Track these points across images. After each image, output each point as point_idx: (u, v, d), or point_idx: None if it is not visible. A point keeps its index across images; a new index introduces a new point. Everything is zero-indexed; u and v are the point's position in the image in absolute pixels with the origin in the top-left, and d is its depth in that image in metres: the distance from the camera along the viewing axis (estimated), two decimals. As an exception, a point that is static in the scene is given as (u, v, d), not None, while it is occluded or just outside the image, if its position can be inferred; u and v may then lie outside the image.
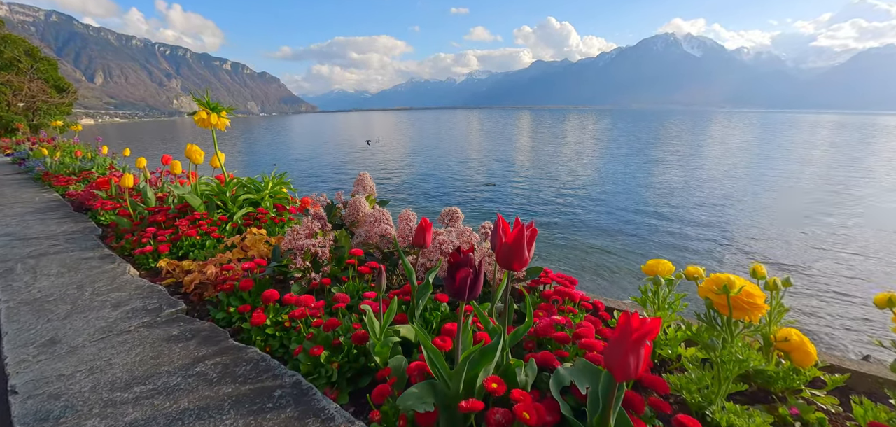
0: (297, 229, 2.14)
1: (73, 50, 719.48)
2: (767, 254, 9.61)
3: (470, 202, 15.33)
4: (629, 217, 12.99)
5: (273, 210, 3.18)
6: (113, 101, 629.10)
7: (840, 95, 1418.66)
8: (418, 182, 19.96)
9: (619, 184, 18.20)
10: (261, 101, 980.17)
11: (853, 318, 6.64)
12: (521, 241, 1.13)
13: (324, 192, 10.49)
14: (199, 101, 3.15)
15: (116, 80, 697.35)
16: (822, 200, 14.70)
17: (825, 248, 9.81)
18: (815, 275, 8.35)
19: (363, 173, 2.66)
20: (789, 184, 17.81)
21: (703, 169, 22.06)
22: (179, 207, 3.17)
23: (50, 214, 4.30)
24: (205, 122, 3.10)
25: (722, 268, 8.84)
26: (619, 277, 8.58)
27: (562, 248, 10.30)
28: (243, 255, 2.60)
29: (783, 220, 12.28)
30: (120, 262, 2.70)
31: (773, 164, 23.51)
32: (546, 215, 13.37)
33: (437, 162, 26.81)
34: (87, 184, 5.77)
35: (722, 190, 16.51)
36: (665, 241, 10.74)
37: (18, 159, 9.46)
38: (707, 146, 34.34)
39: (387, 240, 2.20)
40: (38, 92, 24.36)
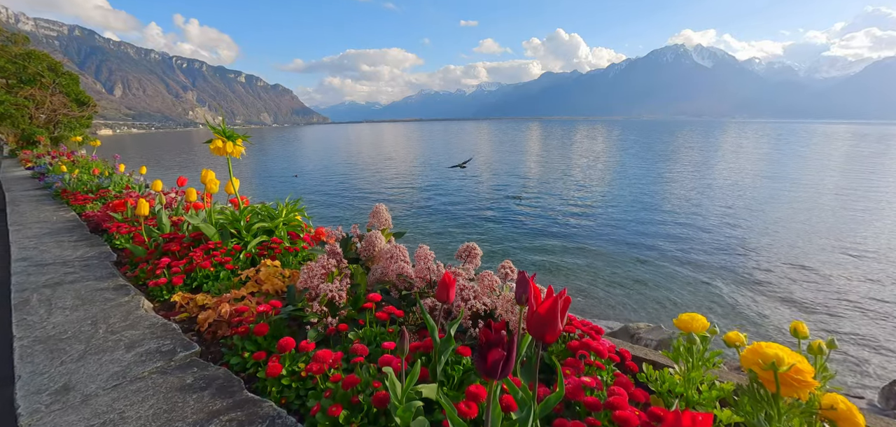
0: (312, 267, 2.10)
1: (95, 63, 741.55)
2: (798, 276, 9.35)
3: (485, 213, 15.25)
4: (651, 231, 12.83)
5: (287, 239, 3.15)
6: (131, 113, 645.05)
7: (855, 105, 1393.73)
8: (438, 195, 19.95)
9: (639, 197, 17.99)
10: (273, 113, 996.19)
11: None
12: (555, 312, 1.06)
13: (340, 200, 10.41)
14: (214, 128, 3.16)
15: (135, 92, 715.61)
16: (851, 215, 14.33)
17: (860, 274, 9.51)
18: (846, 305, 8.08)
19: (379, 205, 2.62)
20: (812, 197, 17.40)
21: (722, 181, 21.69)
22: (194, 235, 3.16)
23: (66, 237, 4.34)
24: (220, 151, 3.10)
25: (748, 288, 8.62)
26: (642, 292, 8.43)
27: (580, 260, 10.17)
28: (257, 288, 2.56)
29: (811, 236, 11.97)
30: (134, 294, 2.68)
31: (796, 176, 23.04)
32: (564, 227, 13.25)
33: (453, 172, 26.85)
34: (103, 203, 5.84)
35: (745, 204, 16.18)
36: (688, 257, 10.53)
37: (38, 174, 9.67)
38: (725, 158, 33.81)
39: (404, 278, 2.15)
40: (59, 106, 25.03)
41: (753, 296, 8.33)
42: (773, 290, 8.57)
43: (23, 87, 23.02)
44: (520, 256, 11.17)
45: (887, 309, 7.56)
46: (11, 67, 23.05)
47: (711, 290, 8.67)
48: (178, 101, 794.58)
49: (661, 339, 5.70)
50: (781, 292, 8.47)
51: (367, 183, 24.65)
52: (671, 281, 9.26)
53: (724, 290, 8.64)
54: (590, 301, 8.68)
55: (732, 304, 8.03)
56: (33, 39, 29.27)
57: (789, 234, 12.45)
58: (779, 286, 8.77)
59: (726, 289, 8.67)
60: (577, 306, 8.50)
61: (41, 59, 25.19)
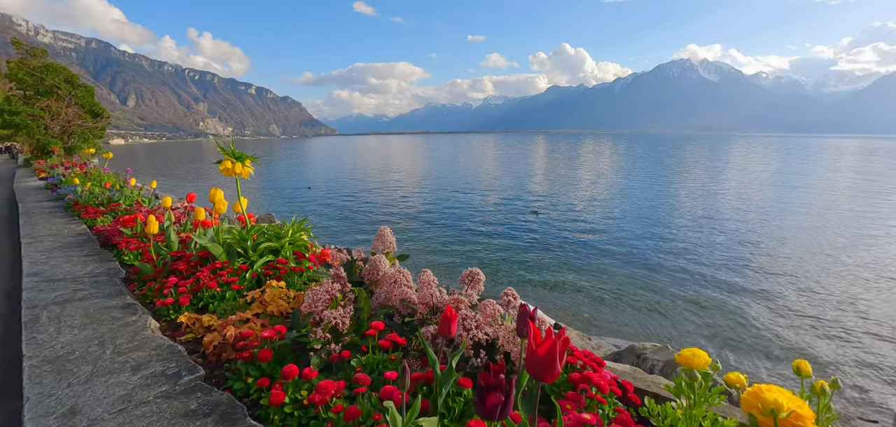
0: (316, 292, 2.12)
1: (110, 74, 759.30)
2: (807, 294, 9.20)
3: (490, 226, 15.22)
4: (659, 247, 12.74)
5: (292, 259, 3.19)
6: (143, 123, 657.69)
7: (864, 119, 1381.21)
8: (444, 209, 19.98)
9: (647, 211, 17.85)
10: (282, 124, 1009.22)
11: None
12: (553, 355, 1.07)
13: (347, 212, 10.43)
14: (224, 150, 3.22)
15: (147, 103, 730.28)
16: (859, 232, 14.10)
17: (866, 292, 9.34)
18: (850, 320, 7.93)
19: (383, 228, 2.65)
20: (825, 215, 17.15)
21: (732, 197, 21.46)
22: (201, 254, 3.21)
23: (77, 251, 4.42)
24: (229, 172, 3.16)
25: (756, 309, 8.49)
26: (648, 309, 8.34)
27: (587, 275, 10.11)
28: (262, 309, 2.59)
29: (823, 256, 11.79)
30: (141, 314, 2.72)
31: (807, 192, 22.74)
32: (571, 241, 13.18)
33: (459, 184, 26.87)
34: (114, 217, 5.94)
35: (755, 220, 15.99)
36: (697, 275, 10.41)
37: (51, 185, 9.87)
38: (734, 173, 33.50)
39: (407, 303, 2.17)
40: (73, 117, 25.59)
41: (761, 317, 8.20)
42: (783, 311, 8.44)
43: (40, 99, 23.61)
44: (524, 271, 11.14)
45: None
46: (29, 80, 23.68)
47: (719, 310, 8.57)
48: (190, 111, 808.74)
49: (667, 360, 5.62)
50: (790, 313, 8.34)
51: (374, 195, 24.76)
52: (679, 299, 9.17)
53: (732, 310, 8.53)
54: (596, 317, 8.61)
55: (740, 326, 7.91)
56: (52, 51, 30.14)
57: (800, 252, 12.28)
58: (788, 306, 8.63)
59: (734, 309, 8.55)
60: (583, 322, 8.43)
61: (58, 71, 25.85)
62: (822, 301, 8.87)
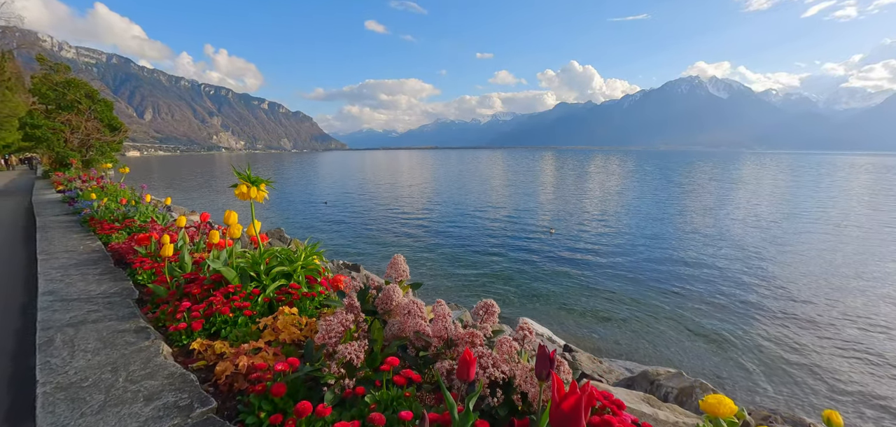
0: (330, 323, 2.10)
1: (129, 89, 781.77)
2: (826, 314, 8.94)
3: (502, 244, 15.13)
4: (673, 270, 12.53)
5: (305, 284, 3.18)
6: (158, 136, 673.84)
7: (878, 136, 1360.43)
8: (456, 225, 19.96)
9: (659, 231, 17.61)
10: (293, 138, 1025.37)
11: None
12: (579, 411, 1.04)
13: (358, 228, 10.38)
14: (239, 174, 3.25)
15: (163, 117, 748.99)
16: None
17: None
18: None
19: (397, 256, 2.63)
20: (842, 236, 16.74)
21: (746, 217, 21.07)
22: (214, 277, 3.22)
23: (91, 270, 4.47)
24: (244, 196, 3.18)
25: (772, 336, 8.26)
26: (661, 331, 8.17)
27: (599, 296, 9.96)
28: (274, 337, 2.58)
29: (838, 279, 11.48)
30: (154, 339, 2.72)
31: (822, 210, 22.25)
32: (582, 260, 13.03)
33: (469, 200, 26.84)
34: (129, 234, 6.02)
35: (769, 241, 15.67)
36: (711, 297, 10.20)
37: (68, 198, 10.07)
38: (746, 191, 32.93)
39: (421, 336, 2.13)
40: (92, 130, 26.28)
41: (776, 343, 7.98)
42: (797, 335, 8.20)
43: (61, 113, 24.31)
44: (536, 289, 11.03)
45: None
46: (52, 94, 24.43)
47: (733, 334, 8.36)
48: (204, 125, 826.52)
49: (682, 386, 5.45)
50: (804, 338, 8.10)
51: (385, 209, 24.82)
52: (691, 322, 8.98)
53: (747, 335, 8.31)
54: (607, 338, 8.47)
55: (755, 351, 7.70)
56: (74, 67, 31.21)
57: (815, 274, 11.99)
58: (802, 330, 8.39)
59: (749, 335, 8.34)
60: (594, 344, 8.29)
61: (80, 86, 26.65)
62: (833, 321, 8.61)
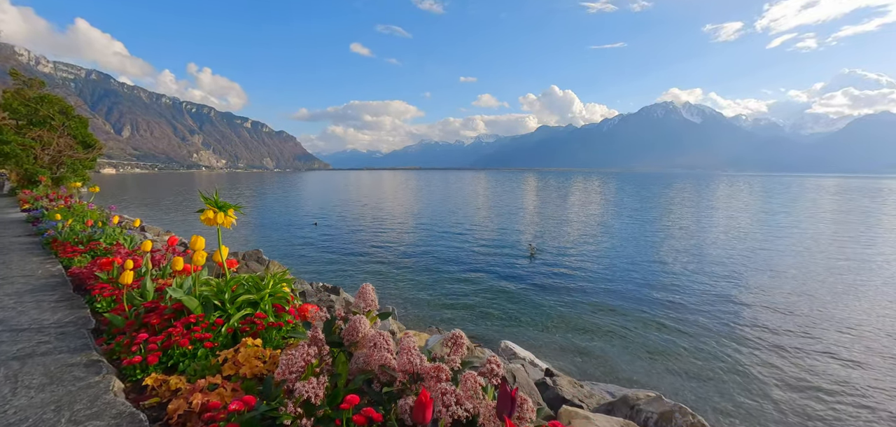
0: (291, 357, 2.01)
1: (107, 105, 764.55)
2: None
3: (480, 265, 15.08)
4: (651, 289, 12.64)
5: (272, 313, 3.07)
6: (136, 153, 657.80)
7: (841, 159, 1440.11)
8: (436, 246, 19.84)
9: (638, 252, 17.79)
10: (277, 158, 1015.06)
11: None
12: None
13: (336, 250, 10.18)
14: (206, 199, 3.15)
15: (142, 134, 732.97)
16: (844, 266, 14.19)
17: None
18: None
19: (366, 285, 2.56)
20: (809, 254, 17.26)
21: (723, 237, 21.53)
22: (176, 306, 3.08)
23: (48, 296, 4.24)
24: (211, 222, 3.08)
25: (749, 355, 8.38)
26: (641, 352, 8.18)
27: (578, 318, 9.94)
28: (235, 370, 2.46)
29: (813, 297, 11.79)
30: (105, 374, 2.56)
31: (792, 230, 22.94)
32: (560, 282, 13.04)
33: (452, 220, 26.76)
34: (92, 257, 5.77)
35: (749, 262, 16.02)
36: (688, 314, 10.30)
37: (33, 218, 9.64)
38: (723, 211, 33.75)
39: (386, 370, 2.06)
40: (65, 147, 25.49)
41: (753, 360, 8.09)
42: (774, 352, 8.35)
43: (32, 129, 23.53)
44: (517, 311, 10.97)
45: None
46: (24, 110, 23.67)
47: (712, 353, 8.45)
48: (184, 143, 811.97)
49: (662, 411, 5.43)
50: (781, 354, 8.25)
51: (365, 230, 24.56)
52: (672, 342, 9.05)
53: (725, 353, 8.41)
54: (589, 361, 8.46)
55: (732, 371, 7.79)
56: (51, 82, 30.39)
57: (794, 293, 12.28)
58: (781, 347, 8.55)
59: (727, 352, 8.44)
60: (577, 366, 8.25)
61: (54, 102, 25.91)
62: (808, 341, 8.80)
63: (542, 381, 6.43)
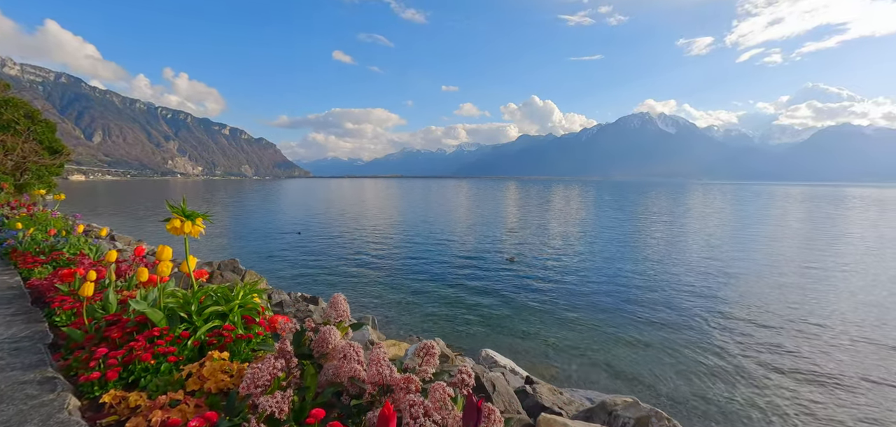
0: (257, 370, 1.96)
1: (77, 109, 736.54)
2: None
3: (458, 272, 15.06)
4: (629, 294, 12.85)
5: (241, 325, 2.98)
6: (107, 159, 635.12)
7: (806, 167, 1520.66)
8: (416, 254, 19.73)
9: (616, 259, 18.06)
10: (255, 165, 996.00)
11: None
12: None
13: (313, 258, 9.97)
14: (173, 207, 3.06)
15: (114, 140, 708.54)
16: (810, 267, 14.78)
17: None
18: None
19: (337, 296, 2.52)
20: (779, 258, 17.88)
21: (700, 241, 22.05)
22: (139, 319, 2.96)
23: (3, 310, 4.02)
24: (177, 231, 2.99)
25: (724, 356, 8.60)
26: (618, 358, 8.29)
27: (557, 325, 10.01)
28: (199, 385, 2.37)
29: (779, 301, 12.21)
30: (61, 391, 2.44)
31: (766, 238, 23.71)
32: (539, 290, 13.12)
33: (433, 229, 26.68)
34: (54, 268, 5.52)
35: (724, 267, 16.44)
36: (666, 318, 10.49)
37: (-8, 229, 9.15)
38: (698, 218, 34.65)
39: (355, 381, 2.03)
40: (29, 153, 24.38)
41: (728, 363, 8.30)
42: (748, 354, 8.59)
43: (-6, 134, 22.44)
44: (498, 319, 10.98)
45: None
46: (-15, 114, 22.57)
47: (689, 356, 8.63)
48: (159, 149, 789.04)
49: (638, 417, 5.50)
50: (755, 358, 8.49)
51: (344, 238, 24.26)
52: (650, 347, 9.20)
53: (702, 356, 8.61)
54: (569, 367, 8.51)
55: (710, 374, 7.97)
56: (18, 84, 29.12)
57: (768, 296, 12.69)
58: (755, 352, 8.79)
59: (703, 355, 8.64)
60: (557, 373, 8.30)
61: (18, 106, 24.79)
62: (783, 343, 9.11)
63: (522, 389, 6.44)
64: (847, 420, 6.64)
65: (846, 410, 6.89)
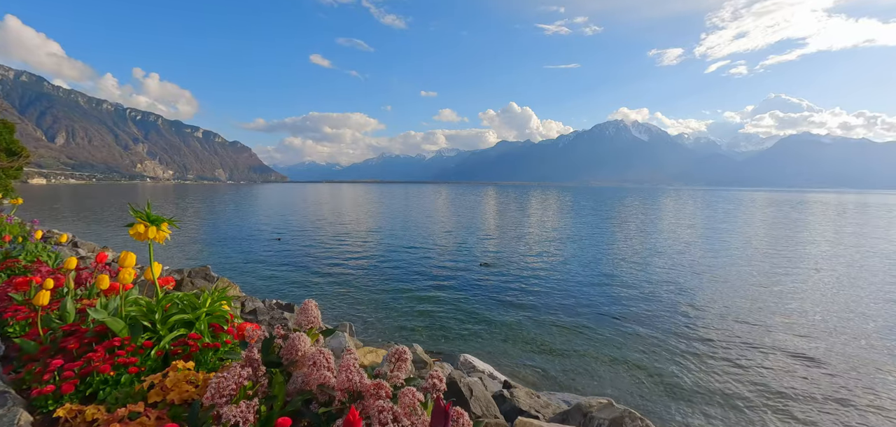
0: (222, 379, 1.91)
1: (38, 110, 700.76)
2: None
3: (449, 278, 15.05)
4: (605, 296, 13.03)
5: (207, 333, 2.90)
6: (71, 162, 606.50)
7: (770, 174, 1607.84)
8: (394, 258, 19.58)
9: (593, 262, 18.37)
10: (230, 169, 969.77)
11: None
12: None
13: (290, 263, 9.73)
14: (136, 211, 2.95)
15: (79, 141, 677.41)
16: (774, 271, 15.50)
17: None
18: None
19: (308, 302, 2.48)
20: (749, 262, 18.63)
21: (672, 245, 22.68)
22: (99, 329, 2.84)
23: (-51, 322, 3.77)
24: (140, 236, 2.88)
25: (695, 352, 8.87)
26: (596, 361, 8.42)
27: (536, 328, 10.11)
28: (162, 397, 2.29)
29: (750, 300, 12.71)
30: (11, 406, 2.30)
31: (736, 241, 24.65)
32: (517, 294, 13.21)
33: (412, 234, 26.58)
34: (9, 275, 5.23)
35: (696, 269, 16.93)
36: (641, 319, 10.71)
37: (-61, 236, 8.58)
38: (671, 222, 35.74)
39: (325, 389, 2.00)
40: (-16, 155, 23.09)
41: (699, 362, 8.57)
42: (719, 354, 8.88)
43: (-56, 135, 21.16)
44: (476, 323, 10.99)
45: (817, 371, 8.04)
46: (-65, 114, 21.24)
47: (662, 356, 8.83)
48: (127, 152, 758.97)
49: (613, 418, 5.62)
50: (725, 357, 8.80)
51: (321, 243, 23.88)
52: (625, 349, 9.36)
53: (674, 357, 8.84)
54: (546, 370, 8.58)
55: (683, 372, 8.20)
56: (-31, 84, 27.63)
57: (740, 296, 13.19)
58: (726, 351, 9.11)
59: (676, 356, 8.88)
60: (534, 376, 8.36)
61: (-28, 106, 23.48)
62: (750, 337, 9.48)
63: (500, 394, 6.48)
64: (817, 407, 6.98)
65: (816, 399, 7.23)
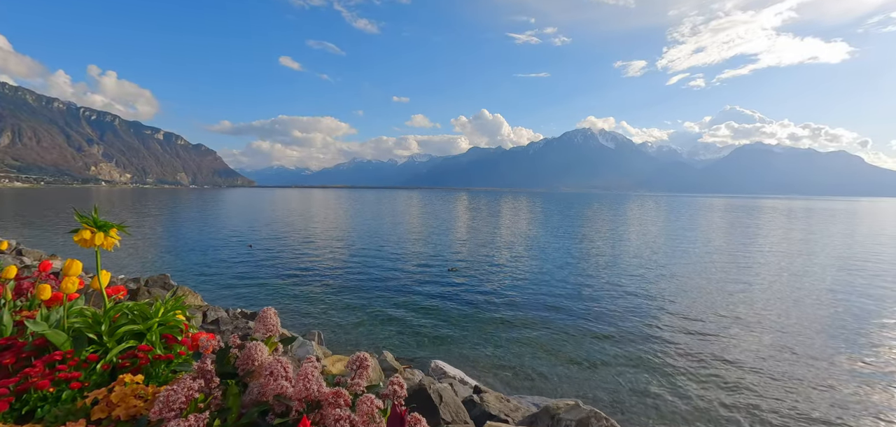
0: (171, 392, 1.83)
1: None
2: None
3: (419, 284, 14.98)
4: (573, 298, 13.34)
5: (160, 345, 2.76)
6: (17, 164, 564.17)
7: (727, 181, 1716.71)
8: (365, 265, 19.31)
9: (562, 263, 18.79)
10: (193, 173, 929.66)
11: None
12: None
13: (256, 271, 9.47)
14: (81, 217, 2.79)
15: (26, 142, 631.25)
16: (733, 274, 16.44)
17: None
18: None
19: (267, 309, 2.42)
20: (709, 262, 19.62)
21: (638, 248, 23.56)
22: (38, 343, 2.65)
23: None
24: (86, 243, 2.72)
25: (661, 351, 9.22)
26: (562, 362, 8.59)
27: (507, 331, 10.20)
28: (107, 413, 2.16)
29: (709, 299, 13.37)
30: (-68, 430, 2.12)
31: (699, 243, 25.88)
32: (488, 298, 13.32)
33: (382, 239, 26.33)
34: (-64, 288, 4.79)
35: (660, 272, 17.62)
36: (607, 320, 11.00)
37: None
38: (637, 226, 37.08)
39: (281, 399, 1.95)
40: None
41: (666, 364, 8.90)
42: (683, 355, 9.27)
43: None
44: (446, 328, 11.01)
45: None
46: None
47: (629, 357, 9.11)
48: (80, 154, 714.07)
49: (579, 418, 5.75)
50: (686, 351, 9.20)
51: (288, 250, 23.27)
52: (593, 350, 9.61)
53: (641, 357, 9.15)
54: (517, 372, 8.69)
55: (650, 370, 8.48)
56: None
57: (704, 296, 13.81)
58: (691, 351, 9.52)
59: (642, 355, 9.19)
60: (505, 379, 8.45)
61: None
62: (710, 336, 9.95)
63: (470, 399, 6.50)
64: (777, 407, 7.38)
65: (773, 398, 7.64)
